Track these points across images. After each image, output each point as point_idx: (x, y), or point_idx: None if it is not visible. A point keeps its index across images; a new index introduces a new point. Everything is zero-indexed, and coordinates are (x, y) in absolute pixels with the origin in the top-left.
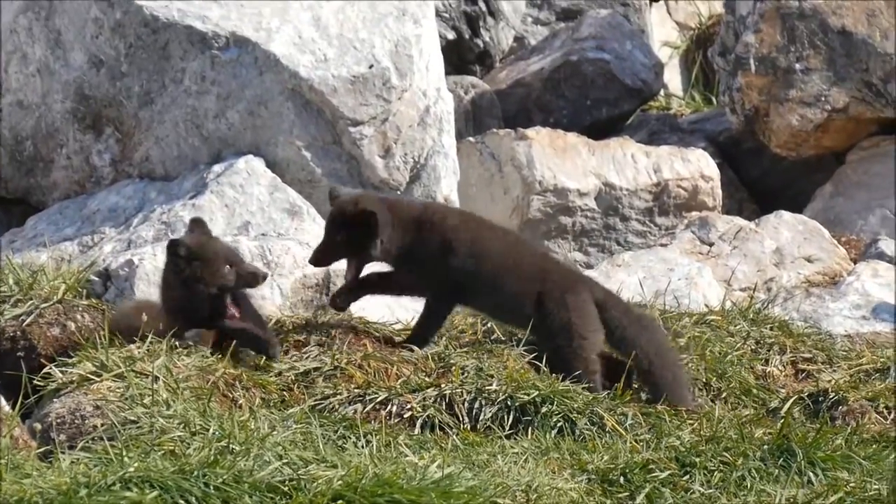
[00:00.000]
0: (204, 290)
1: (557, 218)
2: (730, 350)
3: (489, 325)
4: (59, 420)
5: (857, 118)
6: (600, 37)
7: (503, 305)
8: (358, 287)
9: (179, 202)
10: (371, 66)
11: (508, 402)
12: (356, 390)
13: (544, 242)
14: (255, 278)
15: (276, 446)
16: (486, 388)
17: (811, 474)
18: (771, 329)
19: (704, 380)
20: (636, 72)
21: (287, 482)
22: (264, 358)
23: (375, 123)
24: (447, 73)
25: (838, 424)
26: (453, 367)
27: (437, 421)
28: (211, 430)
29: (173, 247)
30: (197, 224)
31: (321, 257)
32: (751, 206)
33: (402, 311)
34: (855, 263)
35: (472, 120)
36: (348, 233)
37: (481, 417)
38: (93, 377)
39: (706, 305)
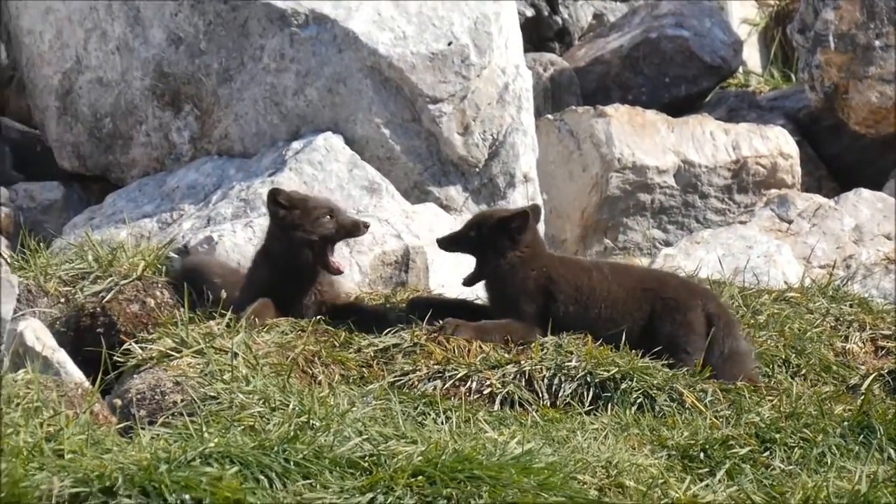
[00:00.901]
0: (304, 238)
1: (636, 195)
2: (809, 327)
3: None
4: (139, 396)
5: None
6: (679, 14)
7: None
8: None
9: (258, 179)
10: (450, 44)
11: (588, 379)
12: (436, 367)
13: (623, 219)
14: (357, 227)
15: (355, 422)
16: (566, 364)
17: (891, 451)
18: (850, 306)
19: (784, 356)
20: (715, 49)
21: (367, 458)
22: (344, 335)
23: (454, 101)
24: (526, 50)
25: None
26: (532, 344)
27: (516, 397)
28: (291, 406)
29: (273, 194)
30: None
31: (448, 243)
32: (830, 184)
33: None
34: None
35: (551, 97)
36: (485, 234)
37: (561, 394)
38: (172, 353)
39: (785, 283)
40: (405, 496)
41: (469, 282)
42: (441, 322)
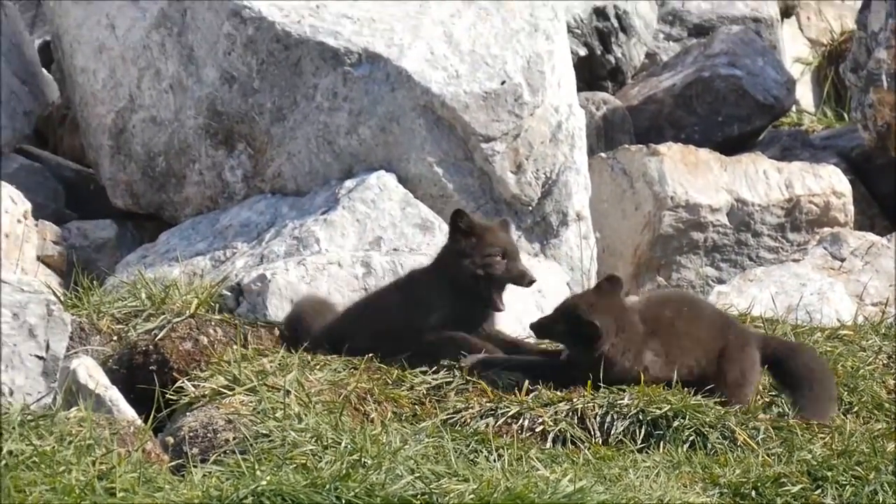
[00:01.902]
0: (470, 269)
1: (689, 233)
2: (861, 364)
3: None
4: (191, 434)
5: None
6: (732, 53)
7: None
8: None
9: (311, 217)
10: (503, 83)
11: (640, 416)
12: (488, 404)
13: (676, 257)
14: (522, 277)
15: (407, 460)
16: (618, 402)
17: None
18: None
19: (837, 394)
20: (768, 88)
21: (419, 496)
22: (396, 372)
23: (507, 139)
24: (579, 88)
25: None
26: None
27: (568, 435)
28: (343, 444)
29: (456, 215)
30: (503, 225)
31: (539, 331)
32: (882, 222)
33: None
34: None
35: (604, 136)
36: (571, 329)
37: (613, 431)
38: (225, 391)
39: (838, 320)
40: None
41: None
42: None
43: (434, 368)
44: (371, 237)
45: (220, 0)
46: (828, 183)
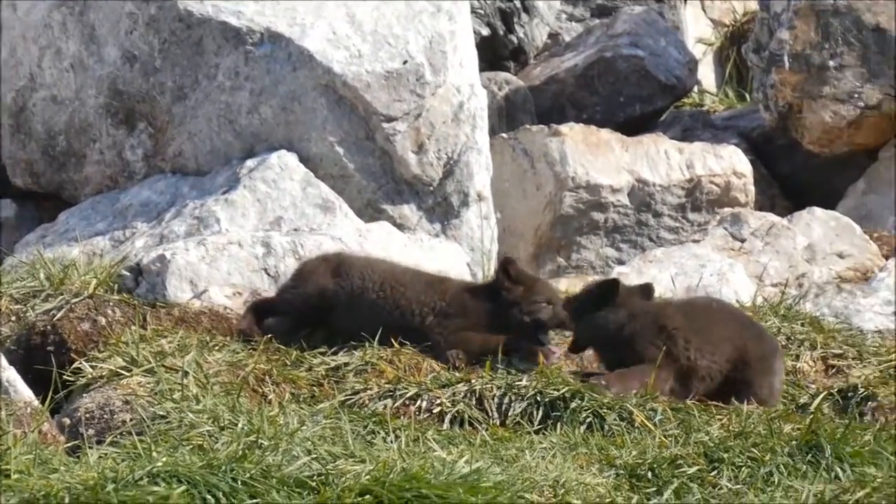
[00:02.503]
0: (517, 316)
1: (590, 214)
2: None
3: None
4: (88, 415)
5: (891, 115)
6: (635, 33)
7: None
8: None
9: (212, 197)
10: (405, 62)
11: (538, 398)
12: (386, 386)
13: (576, 238)
14: (567, 323)
15: (304, 441)
16: (516, 383)
17: (839, 470)
18: (802, 325)
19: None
20: (670, 68)
21: (315, 477)
22: (295, 353)
23: (409, 119)
24: (481, 69)
25: (867, 420)
26: (483, 363)
27: (466, 416)
28: (240, 425)
29: (505, 263)
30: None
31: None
32: (783, 203)
33: None
34: (887, 259)
35: (506, 116)
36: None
37: (510, 413)
38: (122, 372)
39: (738, 301)
40: None
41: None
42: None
43: (332, 350)
44: (272, 217)
45: None
46: (729, 163)
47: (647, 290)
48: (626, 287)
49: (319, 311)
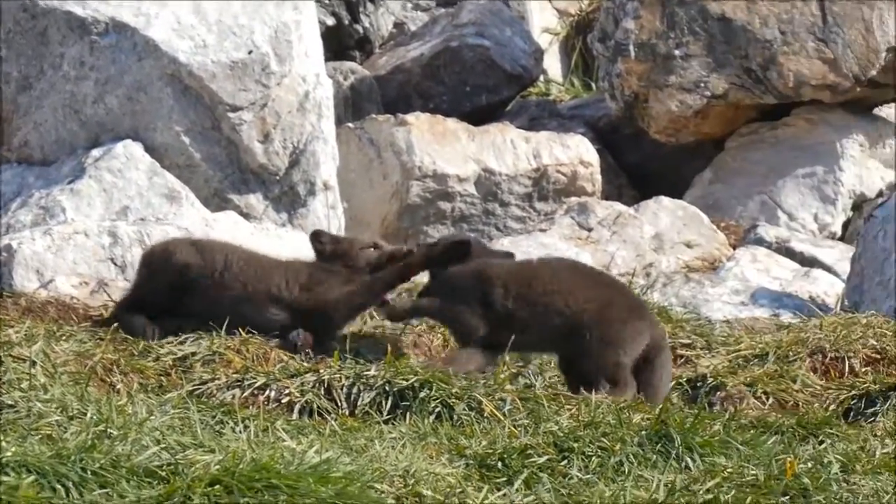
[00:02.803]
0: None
1: (436, 203)
2: None
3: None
4: None
5: (737, 104)
6: (480, 23)
7: None
8: None
9: (58, 187)
10: (250, 52)
11: (387, 388)
12: (234, 375)
13: (423, 227)
14: (399, 250)
15: (153, 431)
16: (365, 373)
17: (689, 460)
18: None
19: None
20: (516, 58)
21: (164, 467)
22: (143, 343)
23: (254, 109)
24: (327, 58)
25: (716, 410)
26: (332, 352)
27: (315, 406)
28: (89, 415)
29: (314, 234)
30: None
31: None
32: (630, 192)
33: None
34: (734, 249)
35: (352, 106)
36: None
37: (359, 402)
38: None
39: None
40: None
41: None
42: None
43: (180, 339)
44: (118, 207)
45: None
46: (575, 153)
47: (507, 255)
48: (483, 247)
49: (179, 292)
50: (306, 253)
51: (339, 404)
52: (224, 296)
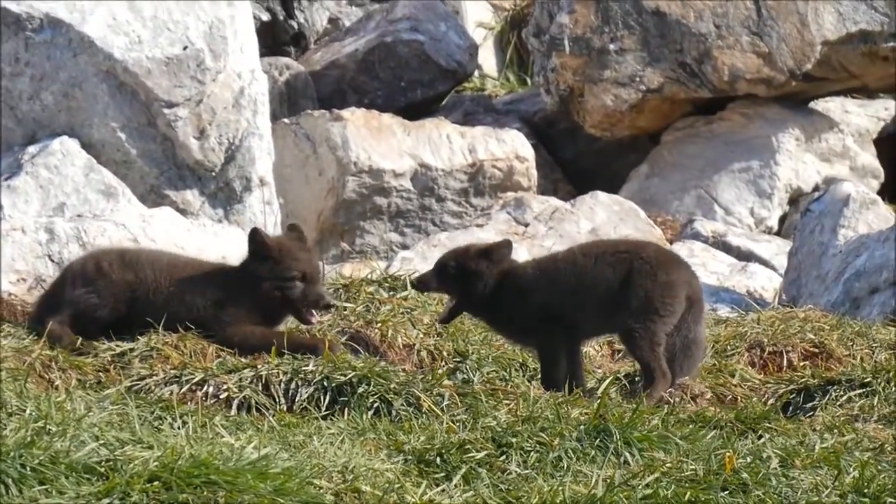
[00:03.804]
0: (269, 292)
1: (373, 199)
2: None
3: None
4: None
5: (672, 98)
6: (415, 18)
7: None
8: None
9: None
10: (185, 48)
11: (325, 383)
12: (172, 371)
13: (360, 223)
14: (320, 301)
15: (92, 427)
16: (303, 368)
17: (627, 454)
18: None
19: (521, 360)
20: (450, 53)
21: (103, 463)
22: (80, 339)
23: (190, 105)
24: (262, 54)
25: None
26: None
27: (253, 402)
28: (27, 412)
29: (252, 234)
30: (293, 229)
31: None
32: (566, 187)
33: None
34: (671, 244)
35: (287, 101)
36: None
37: (298, 398)
38: None
39: None
40: (141, 501)
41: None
42: None
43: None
44: (55, 203)
45: None
46: (511, 147)
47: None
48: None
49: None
50: (241, 248)
51: (278, 400)
52: (150, 309)
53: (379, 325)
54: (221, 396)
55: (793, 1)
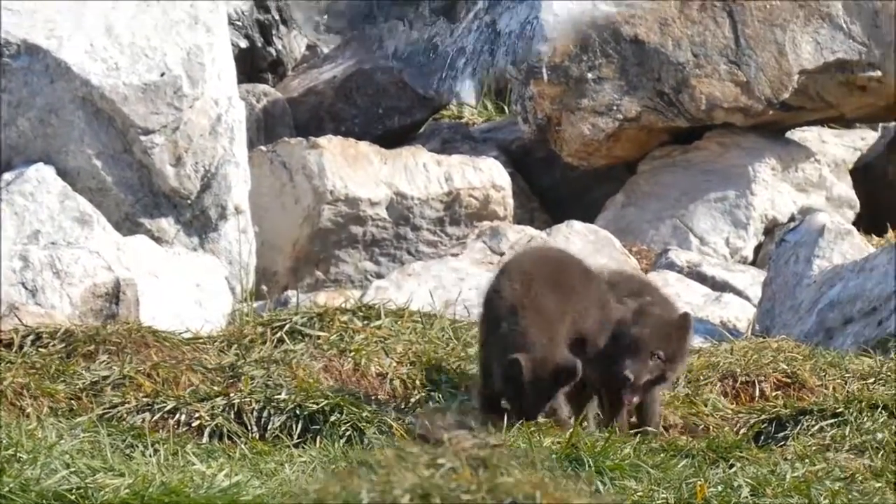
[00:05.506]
0: None
1: (348, 227)
2: None
3: (280, 334)
4: None
5: (649, 127)
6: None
7: None
8: None
9: None
10: (163, 74)
11: (297, 412)
12: (144, 399)
13: (335, 252)
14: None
15: (63, 455)
16: (275, 396)
17: (599, 483)
18: None
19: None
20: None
21: (74, 490)
22: (55, 366)
23: (166, 132)
24: (239, 81)
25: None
26: (242, 377)
27: (225, 430)
28: None
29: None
30: None
31: None
32: (542, 216)
33: (193, 321)
34: (646, 273)
35: (264, 128)
36: None
37: (270, 426)
38: None
39: None
40: None
41: None
42: None
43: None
44: (29, 230)
45: None
46: (488, 176)
47: None
48: None
49: None
50: (216, 277)
51: (250, 428)
52: None
53: (352, 353)
54: (193, 424)
55: (770, 30)
